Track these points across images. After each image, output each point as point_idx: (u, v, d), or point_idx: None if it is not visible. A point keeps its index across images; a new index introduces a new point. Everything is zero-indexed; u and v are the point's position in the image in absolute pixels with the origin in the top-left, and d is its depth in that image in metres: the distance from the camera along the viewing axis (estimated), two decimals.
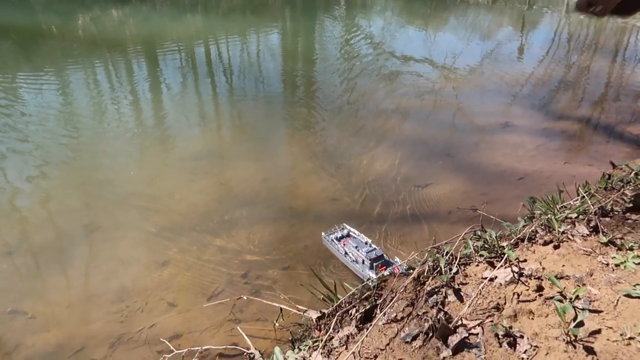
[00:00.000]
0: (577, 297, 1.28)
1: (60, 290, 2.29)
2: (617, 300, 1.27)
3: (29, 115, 4.30)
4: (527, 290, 1.35)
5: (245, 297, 2.04)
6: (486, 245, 1.56)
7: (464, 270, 1.50)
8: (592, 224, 1.58)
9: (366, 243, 2.18)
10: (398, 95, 4.75)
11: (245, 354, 1.45)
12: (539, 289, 1.34)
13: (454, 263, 1.51)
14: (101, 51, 6.51)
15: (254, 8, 10.28)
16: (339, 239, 2.26)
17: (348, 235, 2.29)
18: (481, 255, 1.52)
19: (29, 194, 3.08)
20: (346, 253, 2.14)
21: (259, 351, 1.47)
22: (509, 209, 2.59)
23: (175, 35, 7.63)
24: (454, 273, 1.47)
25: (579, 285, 1.32)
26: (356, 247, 2.13)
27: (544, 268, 1.41)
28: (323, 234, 2.34)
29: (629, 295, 1.27)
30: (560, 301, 1.27)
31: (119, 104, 4.64)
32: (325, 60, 6.45)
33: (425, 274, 1.50)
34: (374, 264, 1.96)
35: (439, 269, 1.49)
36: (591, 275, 1.35)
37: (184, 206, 2.97)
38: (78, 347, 1.96)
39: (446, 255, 1.55)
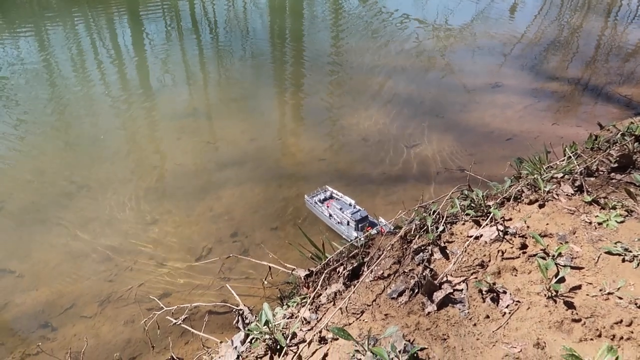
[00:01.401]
0: (560, 255, 1.31)
1: (47, 250, 2.29)
2: (598, 257, 1.30)
3: (7, 76, 4.16)
4: (512, 248, 1.37)
5: (234, 256, 2.06)
6: (472, 205, 1.57)
7: (451, 228, 1.52)
8: (577, 183, 1.60)
9: (350, 204, 2.19)
10: (388, 53, 4.67)
11: (234, 310, 1.47)
12: (523, 246, 1.37)
13: (441, 222, 1.53)
14: (81, 5, 6.26)
15: None
16: (322, 201, 2.26)
17: (331, 197, 2.30)
18: (467, 214, 1.54)
19: (14, 153, 3.02)
20: (330, 215, 2.14)
21: (248, 307, 1.49)
22: (496, 169, 2.61)
23: None
24: (440, 231, 1.49)
25: (561, 243, 1.34)
26: (340, 208, 2.13)
27: (528, 226, 1.43)
28: (306, 196, 2.33)
29: (609, 253, 1.30)
30: (543, 258, 1.30)
31: (101, 62, 4.51)
32: (314, 17, 6.29)
33: (412, 233, 1.52)
34: (360, 225, 1.98)
35: (425, 227, 1.51)
36: (574, 234, 1.38)
37: (171, 165, 2.95)
38: (67, 304, 1.97)
39: (433, 214, 1.57)
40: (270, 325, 1.29)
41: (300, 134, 3.30)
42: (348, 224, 2.07)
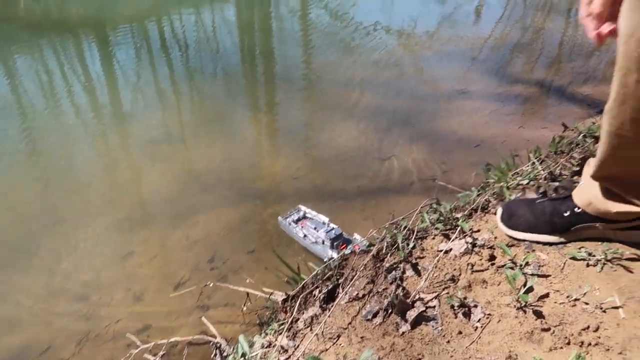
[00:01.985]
0: (527, 264, 1.33)
1: (20, 291, 2.24)
2: (564, 264, 1.33)
3: None
4: (481, 260, 1.39)
5: (212, 284, 2.05)
6: (441, 218, 1.60)
7: (421, 244, 1.54)
8: (542, 190, 1.64)
9: (324, 223, 2.19)
10: (359, 65, 4.72)
11: (212, 343, 1.47)
12: (492, 258, 1.39)
13: (412, 238, 1.55)
14: (47, 33, 6.20)
15: None
16: (296, 222, 2.26)
17: (305, 217, 2.30)
18: (437, 228, 1.56)
19: None
20: (305, 235, 2.15)
21: (225, 339, 1.49)
22: (467, 176, 2.65)
23: (126, 12, 7.31)
24: (411, 248, 1.50)
25: (528, 252, 1.37)
26: (315, 228, 2.14)
27: (496, 237, 1.46)
28: (279, 218, 2.33)
29: (574, 258, 1.33)
30: (511, 268, 1.32)
31: (72, 90, 4.47)
32: (283, 32, 6.33)
33: (384, 251, 1.53)
34: (335, 243, 1.99)
35: (397, 244, 1.52)
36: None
37: (145, 193, 2.92)
38: (43, 347, 1.93)
39: (404, 230, 1.58)
40: (247, 357, 1.29)
41: (274, 152, 3.31)
42: (323, 243, 2.08)
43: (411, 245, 1.51)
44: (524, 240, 1.40)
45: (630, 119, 1.06)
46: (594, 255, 1.31)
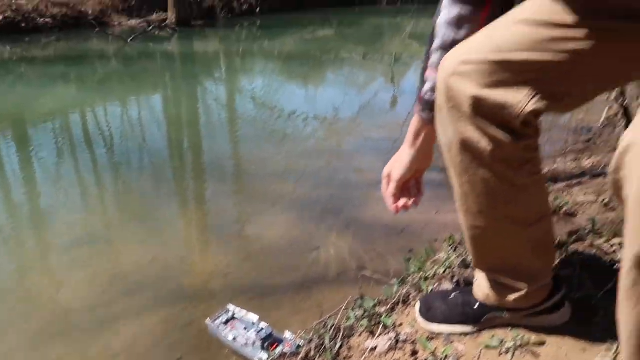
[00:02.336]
0: (446, 356, 1.41)
1: None
2: (480, 353, 1.42)
3: None
4: (404, 355, 1.45)
5: None
6: (366, 314, 1.66)
7: (348, 342, 1.58)
8: (455, 279, 1.76)
9: (254, 323, 2.16)
10: (286, 155, 4.91)
11: None
12: (414, 352, 1.45)
13: (339, 337, 1.58)
14: None
15: (133, 75, 10.09)
16: (225, 323, 2.22)
17: (234, 318, 2.26)
18: (362, 325, 1.61)
19: None
20: (235, 338, 2.10)
21: None
22: (394, 262, 2.77)
23: (48, 106, 7.20)
24: (338, 348, 1.53)
25: (447, 344, 1.45)
26: (245, 328, 2.11)
27: (417, 331, 1.53)
28: (208, 321, 2.27)
29: (488, 347, 1.43)
30: None
31: None
32: (212, 125, 6.50)
33: (312, 353, 1.55)
34: (265, 344, 1.96)
35: (324, 345, 1.55)
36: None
37: (62, 301, 2.74)
38: None
39: (330, 329, 1.62)
40: None
41: (204, 249, 3.28)
42: (254, 345, 2.04)
43: (338, 345, 1.54)
44: (442, 333, 1.48)
45: (477, 211, 1.22)
46: (505, 343, 1.41)
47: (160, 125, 6.57)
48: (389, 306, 1.69)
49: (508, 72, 1.04)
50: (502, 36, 1.08)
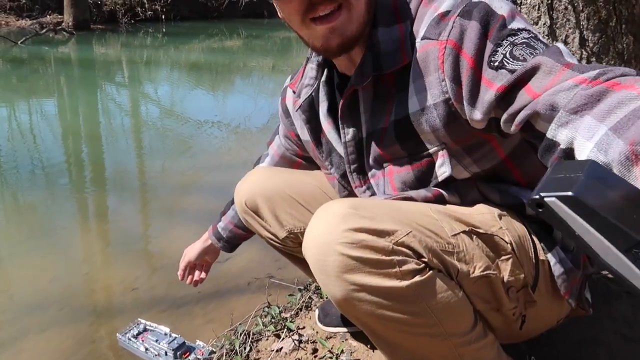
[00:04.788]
0: (342, 352, 1.62)
1: None
2: (369, 347, 1.65)
3: None
4: (306, 354, 1.65)
5: None
6: (273, 320, 1.83)
7: (257, 346, 1.74)
8: None
9: (165, 334, 2.24)
10: (192, 167, 4.92)
11: None
12: (315, 351, 1.65)
13: (248, 341, 1.74)
14: None
15: (22, 78, 9.35)
16: (136, 336, 2.26)
17: (145, 330, 2.31)
18: (269, 330, 1.79)
19: None
20: (147, 349, 2.16)
21: None
22: (299, 271, 2.97)
23: None
24: (248, 351, 1.69)
25: (342, 341, 1.67)
26: (156, 340, 2.17)
27: (317, 332, 1.74)
28: (118, 335, 2.30)
29: None
30: (330, 358, 1.60)
31: None
32: (114, 134, 6.27)
33: (224, 358, 1.69)
34: (177, 353, 2.05)
35: (234, 350, 1.69)
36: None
37: None
38: None
39: (241, 335, 1.77)
40: None
41: (109, 265, 3.23)
42: (166, 354, 2.11)
43: (248, 349, 1.70)
44: (338, 332, 1.70)
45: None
46: None
47: (55, 133, 6.20)
48: (293, 312, 1.88)
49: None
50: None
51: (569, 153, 0.77)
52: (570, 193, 0.41)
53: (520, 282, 1.08)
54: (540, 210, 0.44)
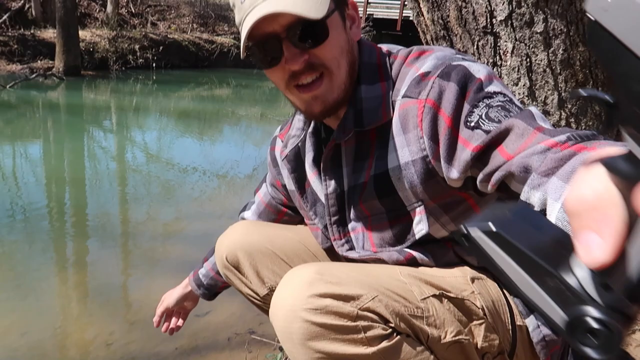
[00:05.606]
0: None
1: None
2: None
3: None
4: None
5: None
6: None
7: None
8: None
9: None
10: (175, 215, 4.85)
11: None
12: None
13: None
14: None
15: (8, 121, 9.31)
16: None
17: None
18: None
19: None
20: None
21: None
22: None
23: None
24: None
25: None
26: None
27: None
28: None
29: None
30: None
31: None
32: (98, 179, 6.19)
33: None
34: None
35: None
36: None
37: None
38: None
39: None
40: None
41: (84, 318, 3.09)
42: None
43: None
44: None
45: None
46: None
47: (38, 177, 6.12)
48: None
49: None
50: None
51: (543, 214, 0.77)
52: (492, 226, 0.43)
53: (495, 348, 1.06)
54: (464, 241, 0.46)
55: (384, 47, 1.20)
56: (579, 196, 0.40)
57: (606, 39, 0.36)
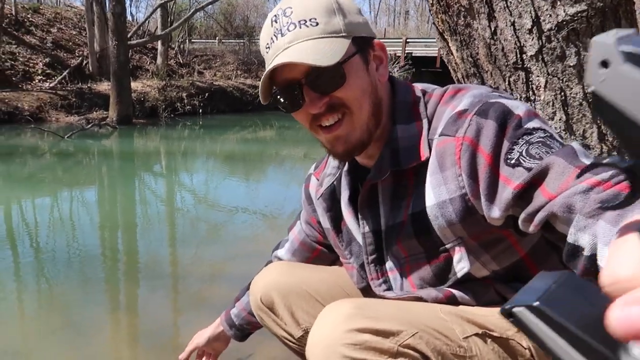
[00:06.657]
0: None
1: None
2: None
3: None
4: None
5: None
6: None
7: None
8: None
9: None
10: (225, 253, 4.93)
11: None
12: None
13: None
14: None
15: (67, 169, 9.90)
16: None
17: None
18: None
19: None
20: None
21: None
22: None
23: None
24: None
25: None
26: None
27: None
28: None
29: None
30: None
31: None
32: (148, 223, 6.41)
33: None
34: None
35: None
36: None
37: None
38: None
39: None
40: None
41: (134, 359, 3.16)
42: None
43: None
44: None
45: None
46: None
47: (92, 222, 6.41)
48: None
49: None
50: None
51: (594, 259, 0.75)
52: (535, 302, 0.39)
53: None
54: (511, 320, 0.43)
55: (419, 86, 1.22)
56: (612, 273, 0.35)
57: (608, 108, 0.36)
